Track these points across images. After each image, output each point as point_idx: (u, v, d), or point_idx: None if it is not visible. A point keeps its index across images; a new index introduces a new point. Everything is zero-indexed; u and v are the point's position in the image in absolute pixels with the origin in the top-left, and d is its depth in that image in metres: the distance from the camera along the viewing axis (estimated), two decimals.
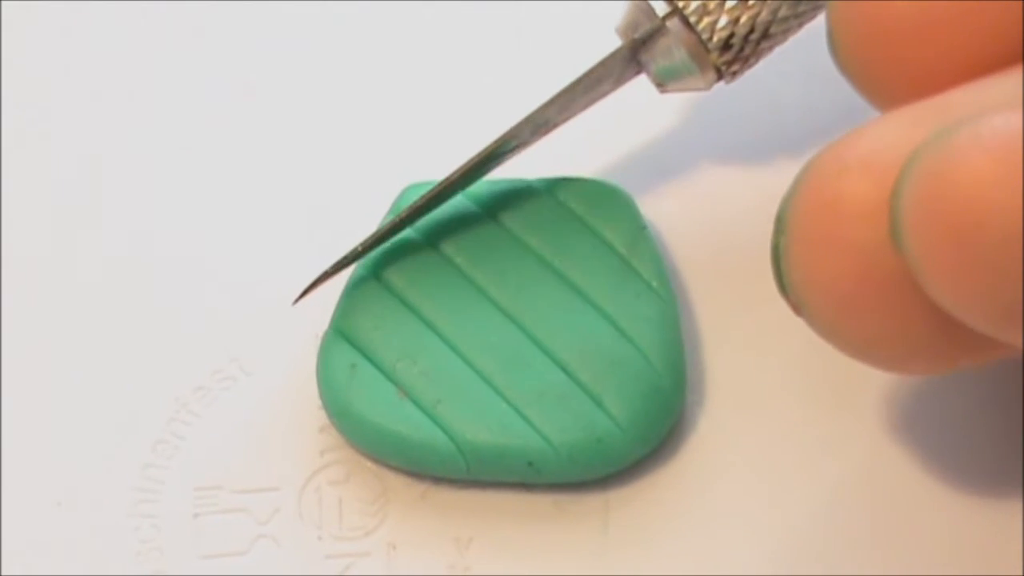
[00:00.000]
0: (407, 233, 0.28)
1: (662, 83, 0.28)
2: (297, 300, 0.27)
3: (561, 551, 0.26)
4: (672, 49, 0.27)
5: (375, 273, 0.27)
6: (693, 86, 0.28)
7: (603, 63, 0.27)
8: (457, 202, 0.28)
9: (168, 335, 0.28)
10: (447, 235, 0.28)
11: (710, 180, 0.29)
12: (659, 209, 0.29)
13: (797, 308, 0.22)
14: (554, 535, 0.26)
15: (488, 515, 0.26)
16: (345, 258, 0.27)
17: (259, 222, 0.29)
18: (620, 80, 0.28)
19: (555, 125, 0.28)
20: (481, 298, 0.27)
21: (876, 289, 0.21)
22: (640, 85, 0.28)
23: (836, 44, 0.23)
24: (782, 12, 0.27)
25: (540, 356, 0.26)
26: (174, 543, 0.26)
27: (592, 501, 0.26)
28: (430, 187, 0.27)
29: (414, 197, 0.27)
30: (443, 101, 0.31)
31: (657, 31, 0.27)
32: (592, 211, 0.28)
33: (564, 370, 0.26)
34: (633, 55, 0.27)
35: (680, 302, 0.28)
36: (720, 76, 0.27)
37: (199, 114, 0.31)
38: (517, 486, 0.26)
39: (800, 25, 0.27)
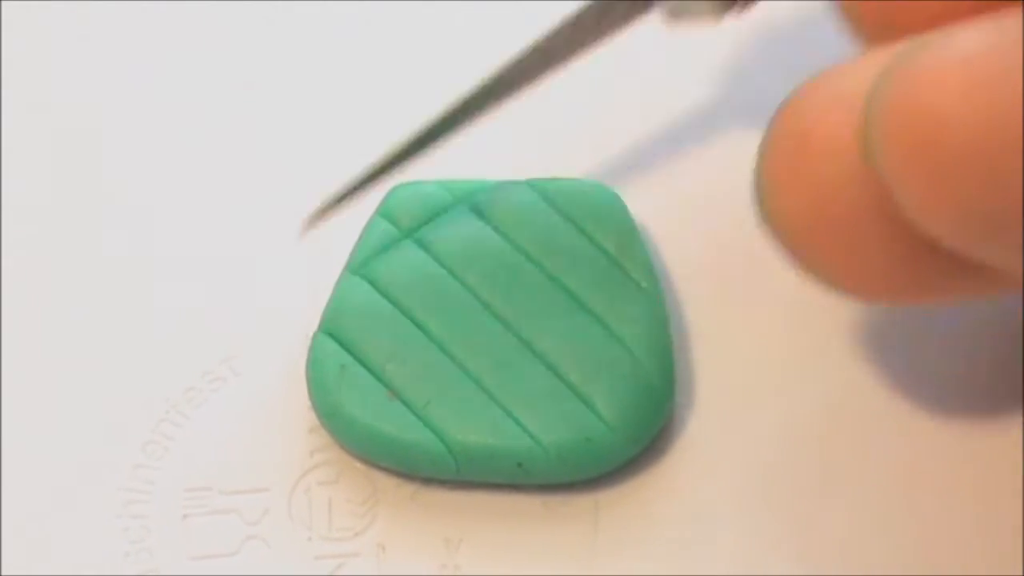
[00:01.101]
0: (396, 235, 0.28)
1: (672, 12, 0.26)
2: (307, 228, 0.26)
3: (551, 552, 0.26)
4: None
5: (364, 274, 0.27)
6: (702, 14, 0.26)
7: None
8: (447, 202, 0.28)
9: (158, 336, 0.28)
10: (436, 236, 0.28)
11: (701, 181, 0.29)
12: (649, 210, 0.29)
13: (771, 238, 0.22)
14: (544, 536, 0.26)
15: (478, 516, 0.26)
16: (357, 183, 0.26)
17: (249, 222, 0.29)
18: (628, 15, 0.26)
19: (559, 62, 0.26)
20: (471, 299, 0.27)
21: (835, 221, 0.21)
22: (630, 83, 0.28)
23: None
24: None
25: (530, 357, 0.26)
26: (164, 544, 0.26)
27: (582, 502, 0.26)
28: (417, 187, 0.27)
29: (401, 197, 0.27)
30: (435, 101, 0.30)
31: None
32: (582, 212, 0.28)
33: (554, 371, 0.26)
34: None
35: (670, 303, 0.28)
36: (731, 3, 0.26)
37: (191, 112, 0.31)
38: (507, 487, 0.26)
39: None
